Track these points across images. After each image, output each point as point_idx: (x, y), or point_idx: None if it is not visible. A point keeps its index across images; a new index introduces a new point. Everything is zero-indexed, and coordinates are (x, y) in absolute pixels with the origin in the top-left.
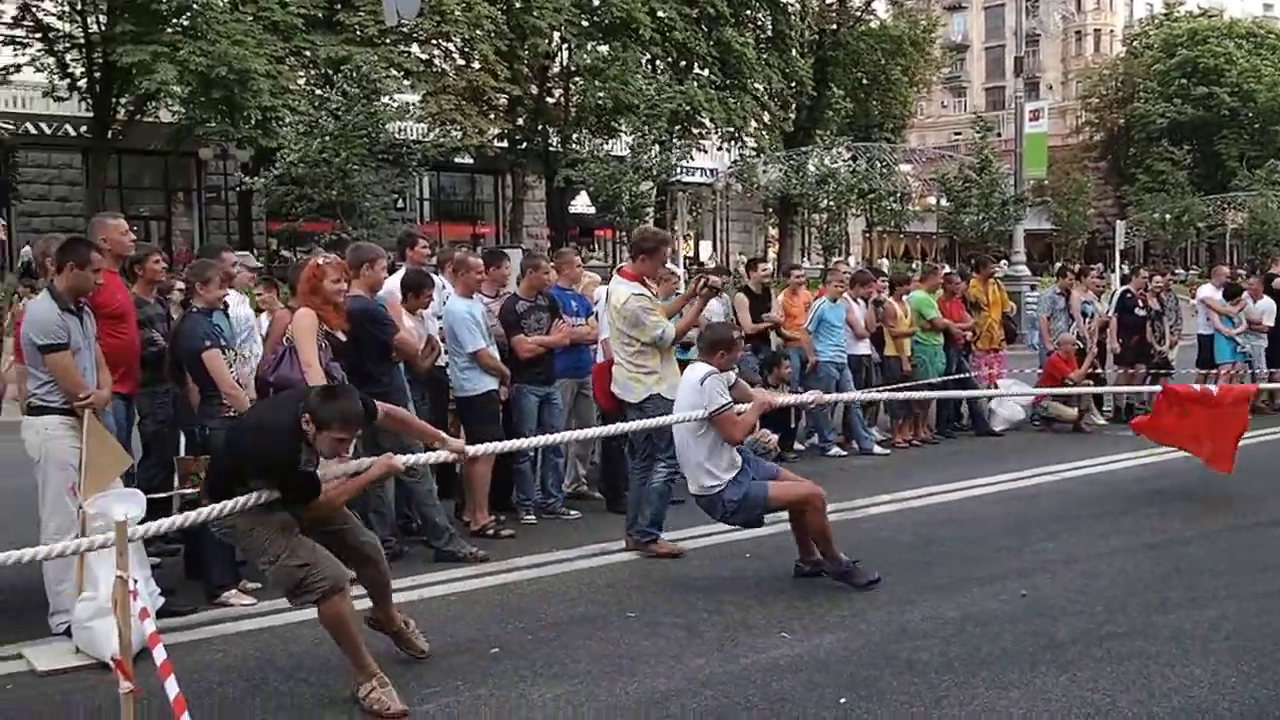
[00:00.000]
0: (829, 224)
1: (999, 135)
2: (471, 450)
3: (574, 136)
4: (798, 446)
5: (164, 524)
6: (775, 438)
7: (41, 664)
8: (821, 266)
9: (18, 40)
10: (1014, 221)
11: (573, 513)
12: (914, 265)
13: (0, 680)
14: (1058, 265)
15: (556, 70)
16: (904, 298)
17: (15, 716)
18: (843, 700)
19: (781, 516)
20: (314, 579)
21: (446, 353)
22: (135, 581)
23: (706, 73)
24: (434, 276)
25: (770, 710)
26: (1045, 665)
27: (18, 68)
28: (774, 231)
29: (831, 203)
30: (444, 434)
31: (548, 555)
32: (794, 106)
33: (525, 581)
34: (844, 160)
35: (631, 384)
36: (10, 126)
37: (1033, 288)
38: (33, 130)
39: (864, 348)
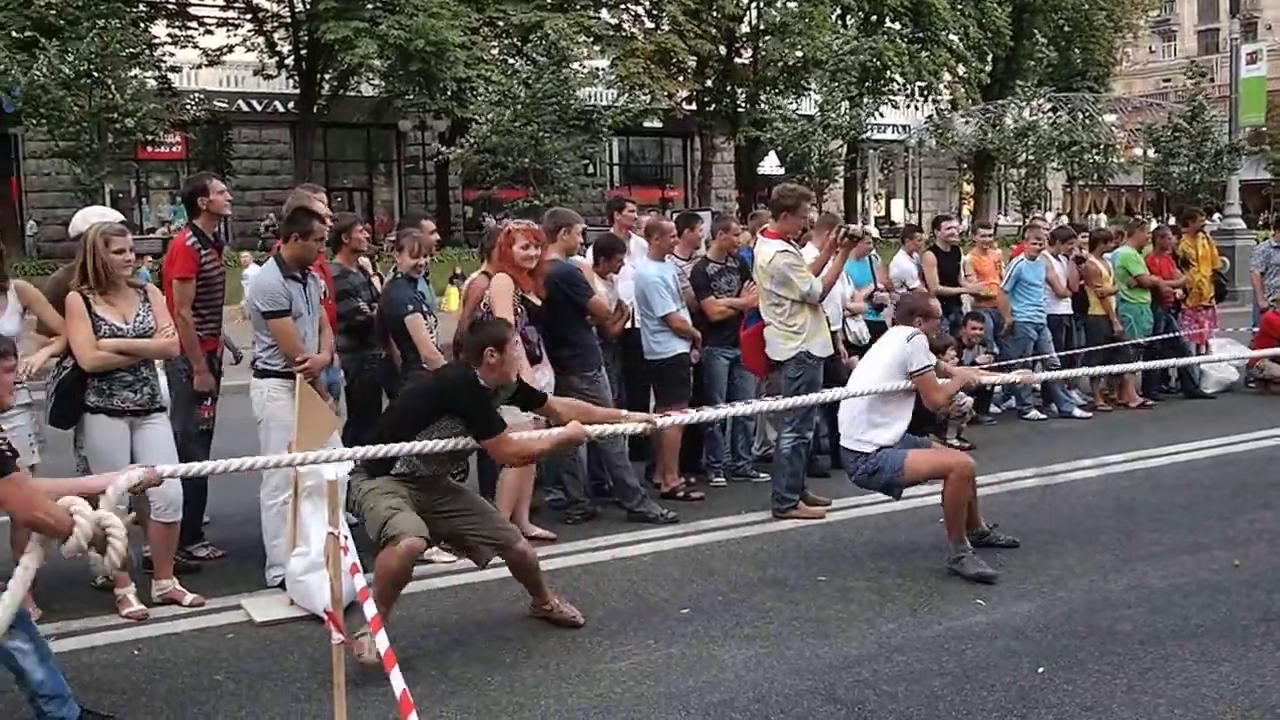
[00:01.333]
0: (1027, 178)
1: (1212, 81)
2: (660, 421)
3: (762, 96)
4: (994, 409)
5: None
6: (970, 401)
7: (258, 614)
8: (1019, 223)
9: (230, 22)
10: (1228, 172)
11: (762, 475)
12: (1116, 220)
13: (221, 629)
14: (1275, 217)
15: (745, 29)
16: (1105, 255)
17: (235, 662)
18: (1040, 670)
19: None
20: (391, 528)
21: (637, 316)
22: (346, 537)
23: (898, 26)
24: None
25: (964, 677)
26: (1259, 639)
27: (230, 48)
28: (969, 188)
29: (1030, 156)
30: (625, 412)
31: (737, 518)
32: (990, 57)
33: (715, 544)
34: (1044, 112)
35: (781, 342)
36: (224, 104)
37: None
38: (244, 107)
39: (1064, 307)
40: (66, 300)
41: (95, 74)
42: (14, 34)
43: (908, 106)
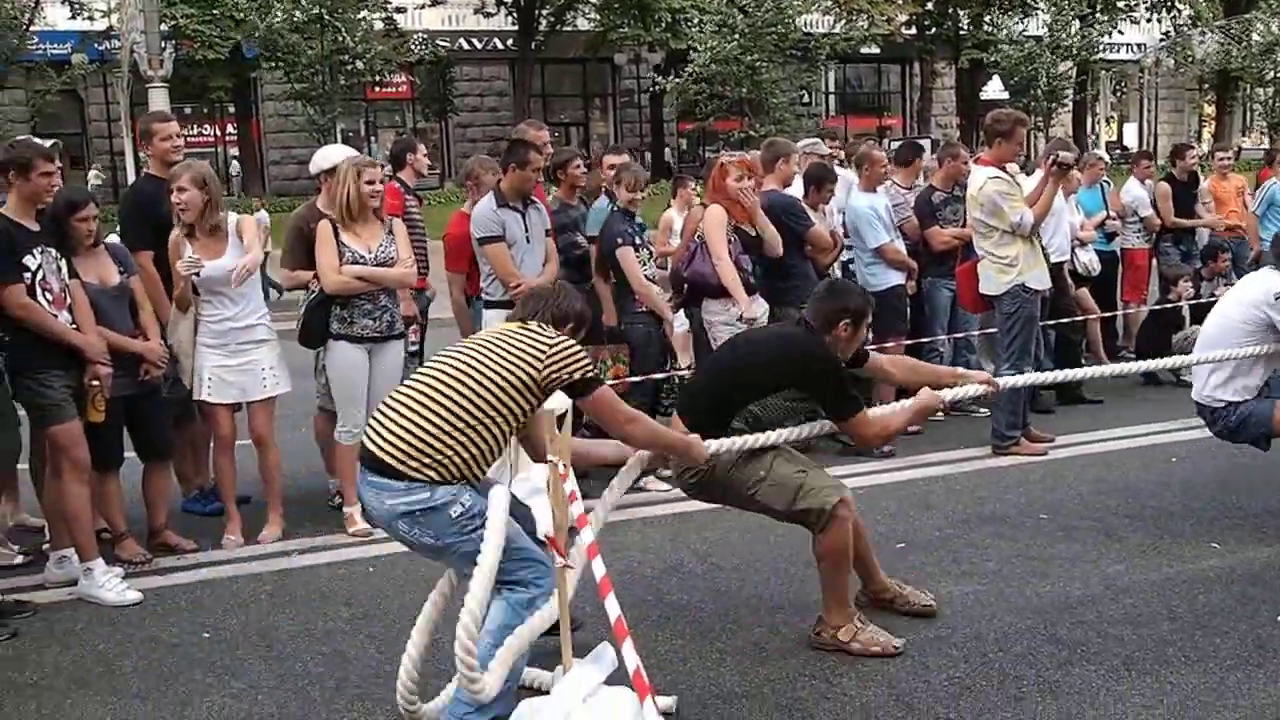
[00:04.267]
0: (1276, 98)
1: None
2: (1001, 382)
3: (986, 17)
4: None
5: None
6: None
7: None
8: (1266, 146)
9: None
10: None
11: (981, 410)
12: None
13: None
14: None
15: None
16: None
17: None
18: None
19: None
20: (811, 487)
21: (849, 248)
22: (565, 466)
23: None
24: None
25: (1195, 622)
26: None
27: None
28: (1210, 110)
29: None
30: (960, 371)
31: (955, 452)
32: None
33: (933, 478)
34: None
35: (994, 275)
36: (446, 44)
37: None
38: (465, 46)
39: None
40: (317, 228)
41: (326, 18)
42: None
43: (1146, 22)
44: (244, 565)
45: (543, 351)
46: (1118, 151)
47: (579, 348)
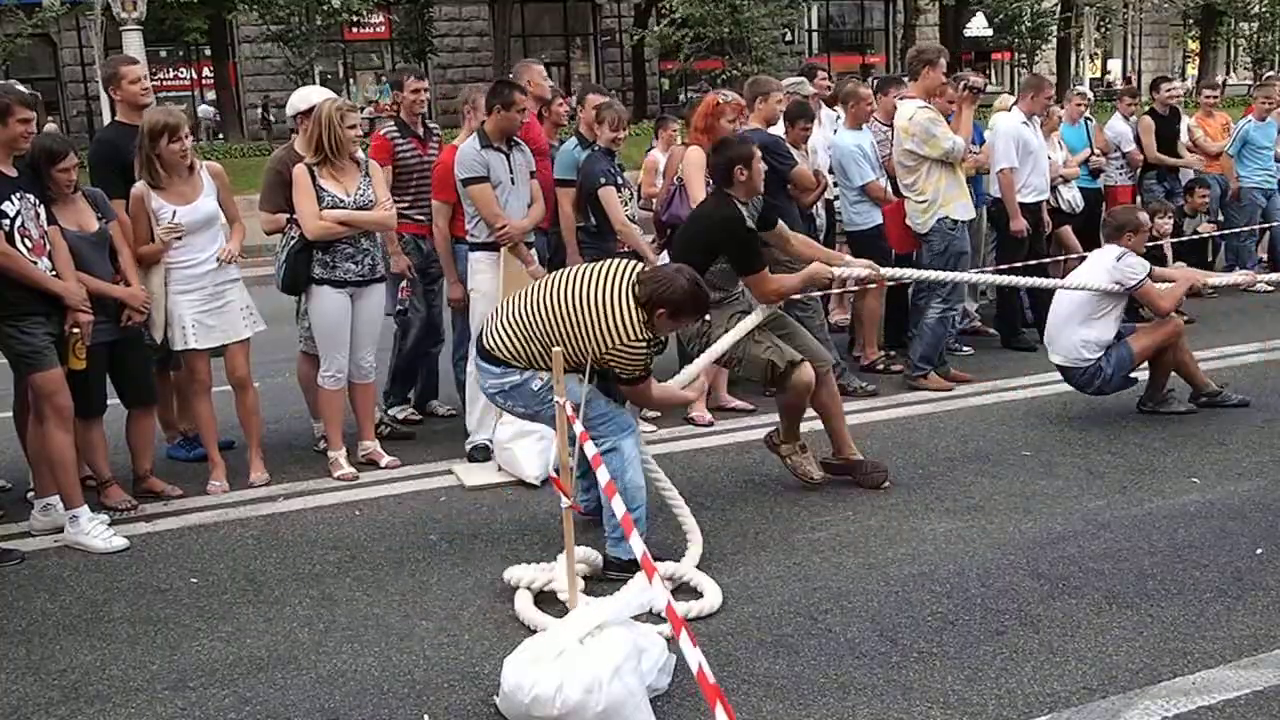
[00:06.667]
0: (1259, 34)
1: None
2: (885, 273)
3: None
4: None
5: None
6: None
7: (469, 479)
8: (1249, 82)
9: None
10: None
11: (966, 349)
12: None
13: (434, 492)
14: None
15: None
16: None
17: (447, 524)
18: (1259, 551)
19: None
20: (771, 361)
21: (835, 186)
22: (572, 409)
23: None
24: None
25: (1175, 556)
26: None
27: None
28: (1193, 45)
29: (1265, 10)
30: (846, 257)
31: (940, 391)
32: None
33: (916, 417)
34: None
35: (918, 212)
36: None
37: None
38: None
39: None
40: (293, 172)
41: None
42: None
43: None
44: (230, 510)
45: (612, 342)
46: (1101, 88)
47: (644, 354)
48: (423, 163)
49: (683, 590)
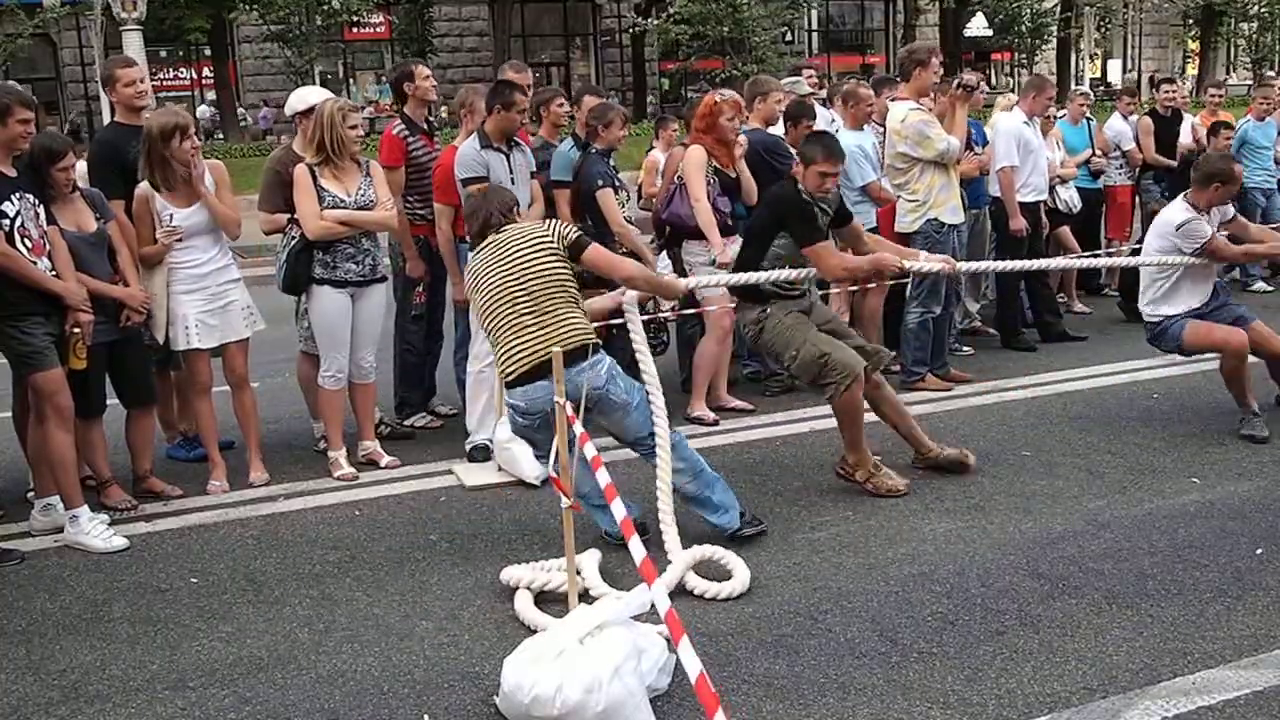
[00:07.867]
0: (1259, 34)
1: None
2: (961, 266)
3: None
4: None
5: None
6: None
7: (469, 479)
8: (1249, 83)
9: None
10: None
11: (965, 349)
12: None
13: (434, 492)
14: None
15: None
16: None
17: (447, 524)
18: (1259, 551)
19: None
20: (831, 368)
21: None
22: (573, 410)
23: None
24: (820, 109)
25: (1175, 556)
26: None
27: None
28: (1194, 45)
29: (1265, 10)
30: (921, 252)
31: (940, 391)
32: None
33: (916, 416)
34: None
35: (907, 212)
36: None
37: None
38: None
39: None
40: (294, 172)
41: None
42: None
43: None
44: (230, 510)
45: (545, 231)
46: (1101, 88)
47: (551, 220)
48: (432, 159)
49: (714, 570)
